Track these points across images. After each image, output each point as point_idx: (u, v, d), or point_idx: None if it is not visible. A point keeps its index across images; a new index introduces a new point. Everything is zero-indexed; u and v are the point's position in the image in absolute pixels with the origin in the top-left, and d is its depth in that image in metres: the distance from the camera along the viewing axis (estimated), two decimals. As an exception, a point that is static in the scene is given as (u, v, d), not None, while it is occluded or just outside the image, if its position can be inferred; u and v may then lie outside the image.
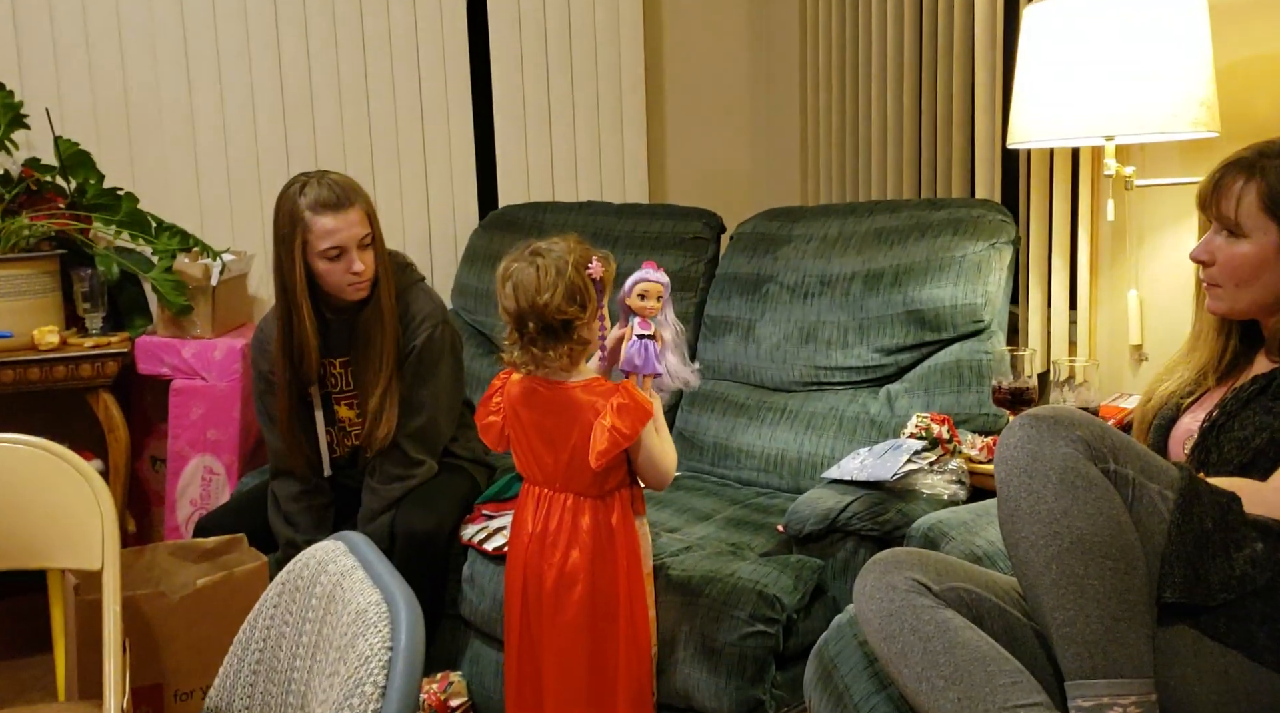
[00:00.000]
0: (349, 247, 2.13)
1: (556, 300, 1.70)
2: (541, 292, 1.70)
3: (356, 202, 2.14)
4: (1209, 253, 1.50)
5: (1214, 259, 1.49)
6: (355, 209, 2.13)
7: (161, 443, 2.84)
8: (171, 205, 2.96)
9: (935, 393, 2.32)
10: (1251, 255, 1.44)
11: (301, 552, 1.05)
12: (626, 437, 1.70)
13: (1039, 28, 2.03)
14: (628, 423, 1.70)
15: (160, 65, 2.98)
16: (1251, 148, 1.49)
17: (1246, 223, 1.45)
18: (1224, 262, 1.48)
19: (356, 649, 0.82)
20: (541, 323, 1.71)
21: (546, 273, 1.71)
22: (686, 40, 3.60)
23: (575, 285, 1.72)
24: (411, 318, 2.27)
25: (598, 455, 1.71)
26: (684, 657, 1.88)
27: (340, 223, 2.11)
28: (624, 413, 1.70)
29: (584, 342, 1.76)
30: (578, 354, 1.77)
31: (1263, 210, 1.43)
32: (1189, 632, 1.23)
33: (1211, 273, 1.50)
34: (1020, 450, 1.27)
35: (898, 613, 1.31)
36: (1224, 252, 1.48)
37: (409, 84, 3.25)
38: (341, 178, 2.17)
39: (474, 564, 2.22)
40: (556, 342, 1.73)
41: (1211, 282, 1.51)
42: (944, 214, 2.41)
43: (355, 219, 2.13)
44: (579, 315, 1.72)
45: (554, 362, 1.75)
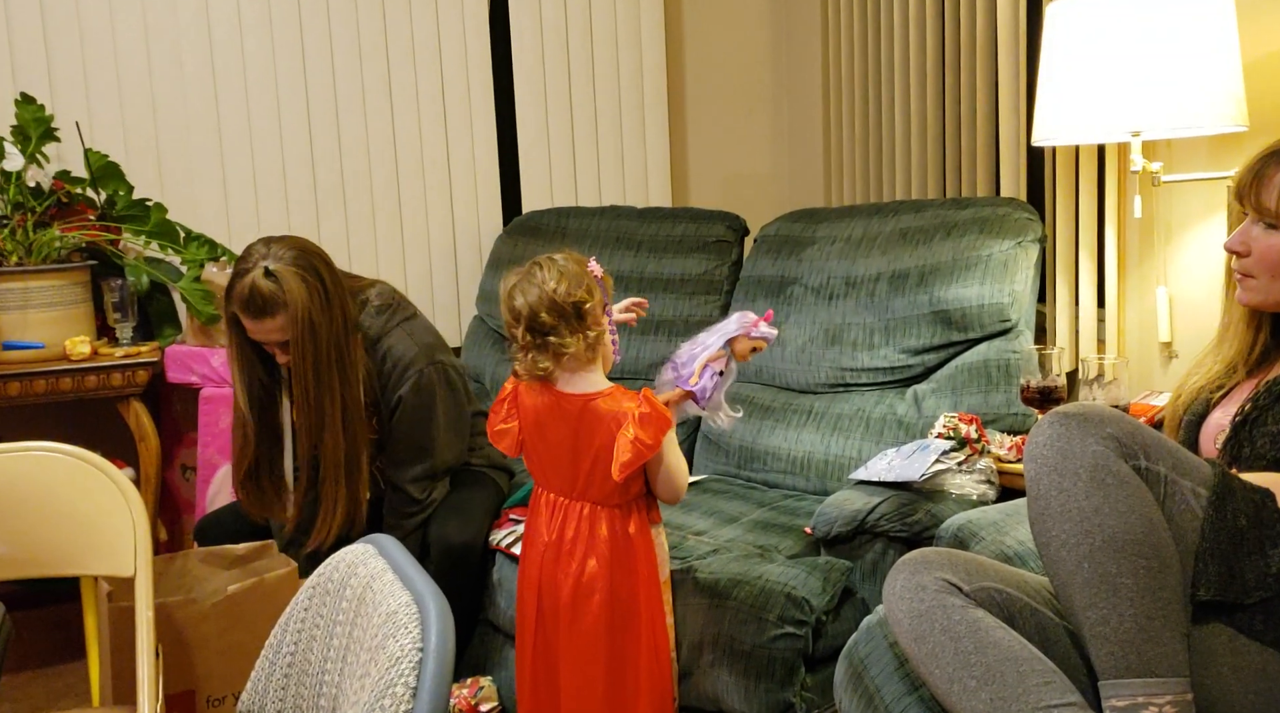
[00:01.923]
0: (269, 345, 2.12)
1: (565, 286, 1.73)
2: (547, 283, 1.73)
3: (278, 313, 2.05)
4: (1244, 244, 1.48)
5: (1249, 250, 1.48)
6: (274, 319, 2.05)
7: (191, 451, 2.86)
8: (199, 215, 2.99)
9: (963, 393, 2.30)
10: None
11: (331, 555, 1.06)
12: (650, 447, 1.71)
13: (1062, 25, 2.02)
14: (650, 433, 1.71)
15: (188, 78, 3.01)
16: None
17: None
18: (1261, 253, 1.46)
19: (387, 651, 0.83)
20: (555, 312, 1.73)
21: (548, 270, 1.76)
22: (708, 43, 3.60)
23: (578, 275, 1.76)
24: (392, 368, 2.21)
25: (621, 467, 1.71)
26: (712, 659, 1.87)
27: (256, 328, 2.08)
28: (646, 423, 1.70)
29: (597, 328, 1.76)
30: (593, 343, 1.76)
31: None
32: (1225, 630, 1.22)
33: (1246, 264, 1.49)
34: (1050, 448, 1.26)
35: (928, 613, 1.30)
36: (1261, 243, 1.46)
37: (432, 92, 3.27)
38: (283, 272, 2.04)
39: (501, 569, 2.23)
40: (570, 330, 1.74)
41: (1246, 272, 1.49)
42: (969, 213, 2.40)
43: (273, 327, 2.06)
44: (587, 298, 1.74)
45: (570, 350, 1.74)
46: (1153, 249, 2.31)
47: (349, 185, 3.20)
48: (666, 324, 2.84)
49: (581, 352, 1.75)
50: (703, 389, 1.81)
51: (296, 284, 2.05)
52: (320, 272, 2.11)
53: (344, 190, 3.19)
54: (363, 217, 3.22)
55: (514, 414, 1.85)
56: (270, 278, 2.04)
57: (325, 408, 2.10)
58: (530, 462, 1.87)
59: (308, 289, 2.06)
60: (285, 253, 2.08)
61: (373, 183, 3.23)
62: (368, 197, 3.22)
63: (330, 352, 2.09)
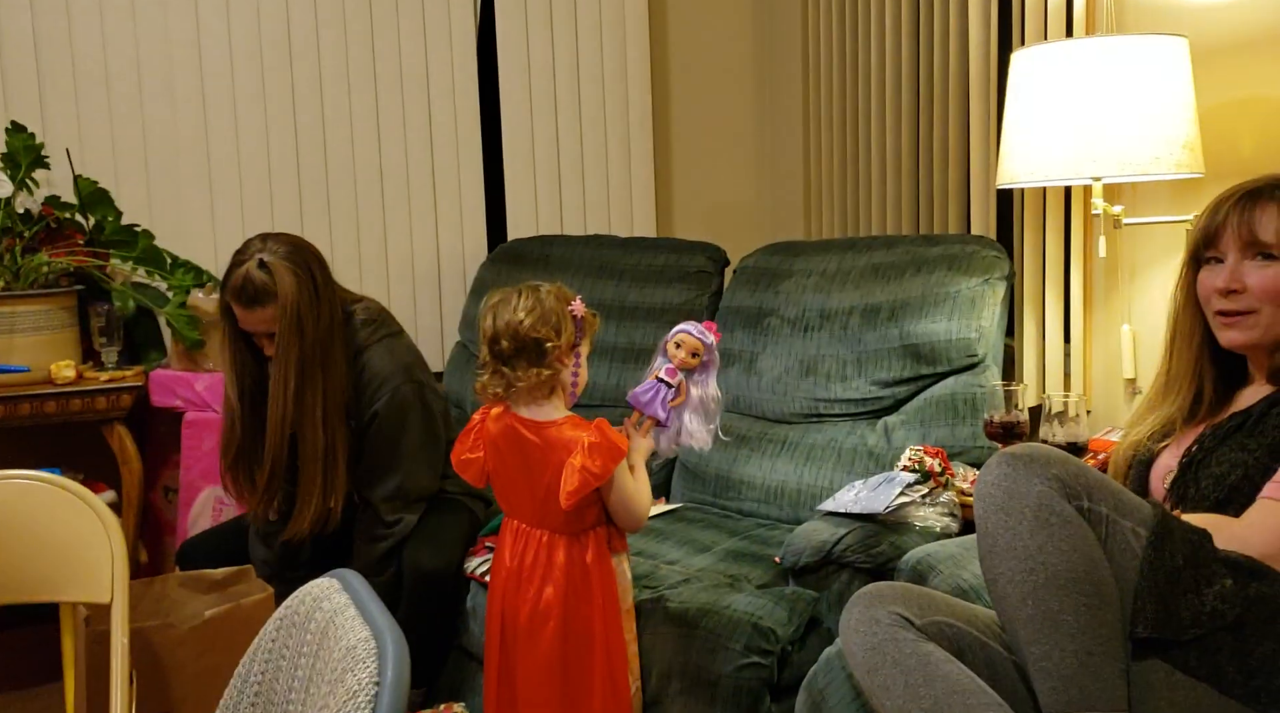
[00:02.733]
0: (257, 333, 2.17)
1: (531, 320, 1.76)
2: (518, 311, 1.77)
3: (269, 303, 2.11)
4: (1239, 281, 1.51)
5: (1244, 286, 1.50)
6: (266, 309, 2.12)
7: (174, 473, 2.90)
8: (186, 242, 3.03)
9: (931, 426, 2.35)
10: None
11: (299, 588, 1.10)
12: (597, 476, 1.73)
13: (1026, 72, 2.08)
14: (598, 463, 1.73)
15: (178, 106, 3.06)
16: (1260, 180, 1.53)
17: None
18: (1263, 285, 1.48)
19: (345, 684, 0.87)
20: (515, 342, 1.77)
21: (527, 297, 1.79)
22: (693, 77, 3.67)
23: (554, 312, 1.78)
24: (369, 381, 2.24)
25: (567, 495, 1.73)
26: (680, 688, 1.91)
27: (247, 317, 2.14)
28: (595, 452, 1.73)
29: (553, 369, 1.79)
30: (547, 380, 1.79)
31: None
32: (1161, 666, 1.26)
33: (1244, 300, 1.50)
34: (997, 488, 1.30)
35: (880, 646, 1.35)
36: (1259, 276, 1.49)
37: (419, 119, 3.32)
38: (276, 266, 2.11)
39: (475, 596, 2.26)
40: (526, 363, 1.77)
41: (1245, 309, 1.51)
42: (939, 250, 2.46)
43: (263, 317, 2.13)
44: (552, 337, 1.77)
45: (521, 384, 1.77)
46: (1117, 288, 2.37)
47: (335, 211, 3.25)
48: (647, 353, 2.84)
49: (530, 387, 1.78)
50: (635, 395, 1.84)
51: (288, 277, 2.12)
52: (313, 269, 2.18)
53: (330, 215, 3.24)
54: (348, 241, 3.27)
55: (480, 444, 1.88)
56: (263, 269, 2.11)
57: (306, 400, 2.15)
58: (496, 490, 1.90)
59: (299, 283, 2.13)
60: (280, 247, 2.15)
61: (358, 208, 3.28)
62: (353, 222, 3.27)
63: (315, 347, 2.15)
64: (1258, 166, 2.02)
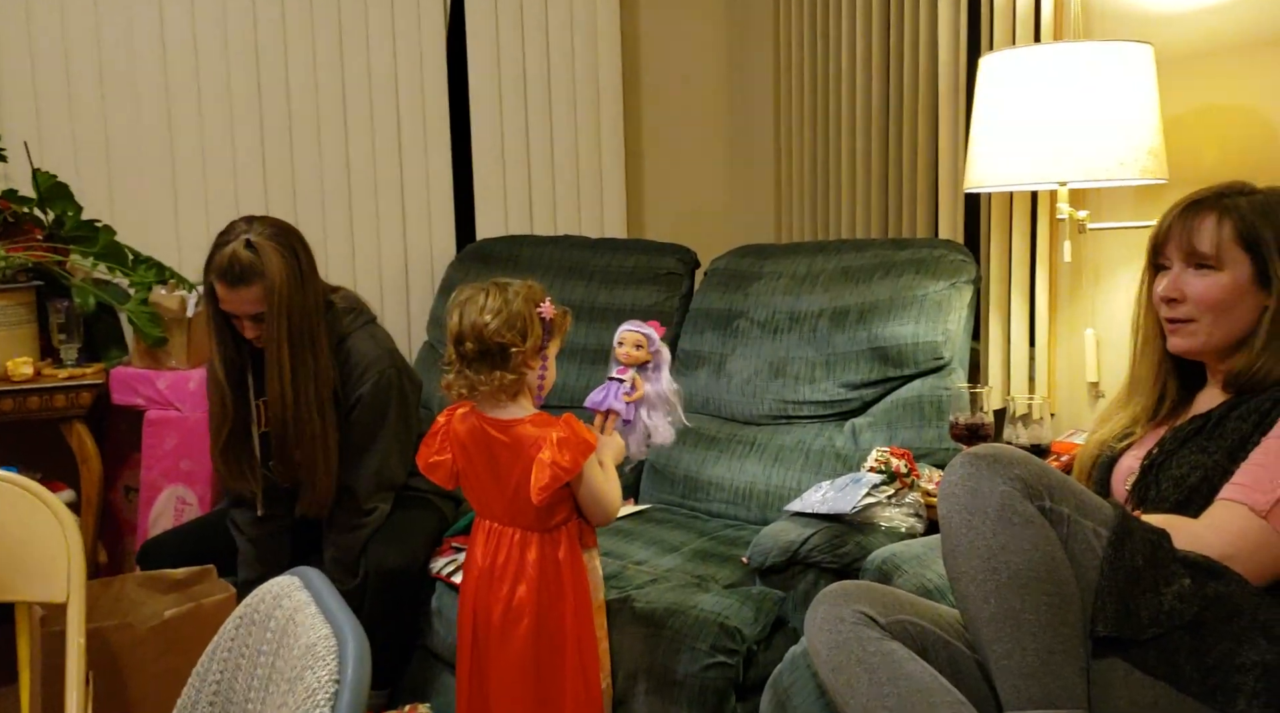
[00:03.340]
0: (240, 315, 2.16)
1: (496, 323, 1.75)
2: (484, 313, 1.76)
3: (255, 282, 2.11)
4: (1179, 290, 1.54)
5: (1184, 296, 1.54)
6: (251, 288, 2.11)
7: (135, 473, 2.86)
8: (150, 238, 2.99)
9: (898, 427, 2.37)
10: (1229, 285, 1.50)
11: (259, 586, 1.09)
12: (567, 471, 1.73)
13: (994, 77, 2.10)
14: (568, 457, 1.73)
15: (141, 99, 3.02)
16: (1207, 190, 1.56)
17: (1224, 255, 1.50)
18: (1199, 295, 1.52)
19: (304, 682, 0.86)
20: (479, 345, 1.76)
21: (494, 298, 1.78)
22: (664, 78, 3.67)
23: (520, 315, 1.77)
24: (354, 367, 2.25)
25: (538, 490, 1.73)
26: (647, 688, 1.91)
27: (230, 297, 2.13)
28: (564, 446, 1.73)
29: (518, 372, 1.78)
30: (510, 385, 1.78)
31: (1238, 243, 1.50)
32: (1121, 665, 1.27)
33: (1184, 309, 1.54)
34: (961, 488, 1.31)
35: (845, 645, 1.35)
36: (1196, 286, 1.52)
37: (388, 117, 3.30)
38: (263, 245, 2.12)
39: (441, 597, 2.25)
40: (490, 367, 1.76)
41: (1185, 317, 1.54)
42: (907, 254, 2.47)
43: (248, 297, 2.12)
44: (517, 342, 1.76)
45: (484, 387, 1.77)
46: (1081, 292, 2.40)
47: (301, 208, 3.21)
48: (614, 354, 2.88)
49: (493, 391, 1.78)
50: (592, 395, 1.86)
51: (275, 257, 2.12)
52: (298, 251, 2.19)
53: (296, 213, 3.20)
54: (315, 239, 3.16)
55: (447, 445, 1.87)
56: (250, 249, 2.11)
57: (300, 381, 2.16)
58: (466, 490, 1.90)
59: (286, 264, 2.14)
60: (266, 228, 2.16)
61: (325, 206, 3.25)
62: (320, 220, 3.24)
63: (303, 327, 2.16)
64: (1220, 174, 2.04)
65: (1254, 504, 1.36)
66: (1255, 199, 1.52)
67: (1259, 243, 1.49)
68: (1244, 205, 1.51)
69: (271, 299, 2.11)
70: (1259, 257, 1.49)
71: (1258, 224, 1.49)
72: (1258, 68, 2.04)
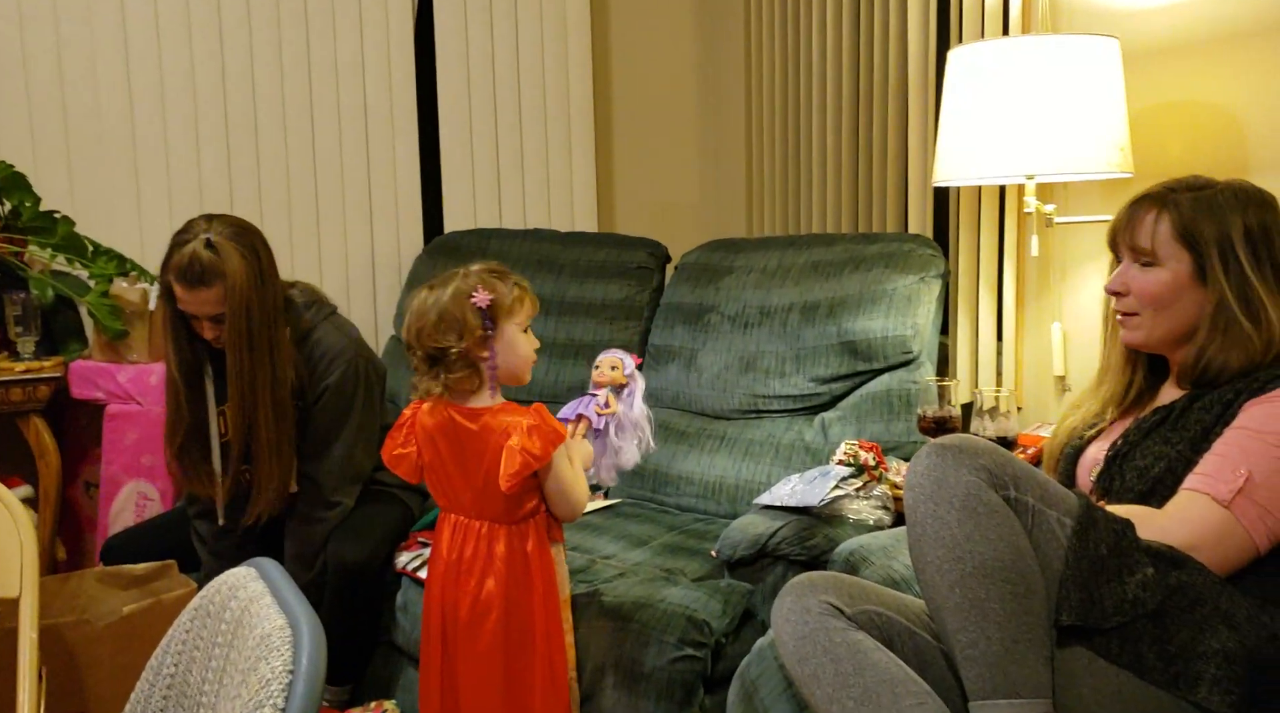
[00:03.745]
0: (199, 316, 2.13)
1: (429, 326, 1.76)
2: (420, 317, 1.77)
3: (215, 283, 2.07)
4: (1124, 285, 1.57)
5: (1129, 290, 1.56)
6: (210, 290, 2.08)
7: (95, 468, 2.81)
8: (111, 229, 2.95)
9: (867, 421, 2.37)
10: (1168, 281, 1.52)
11: (214, 578, 1.06)
12: (537, 458, 1.72)
13: (962, 70, 2.10)
14: (538, 445, 1.72)
15: (101, 89, 2.97)
16: (1159, 185, 1.57)
17: (1161, 252, 1.52)
18: (1140, 290, 1.54)
19: (259, 673, 0.84)
20: (422, 351, 1.78)
21: (425, 301, 1.78)
22: (635, 71, 3.66)
23: (450, 316, 1.76)
24: (320, 357, 2.24)
25: (508, 477, 1.72)
26: (614, 682, 1.89)
27: (189, 298, 2.09)
28: (535, 434, 1.72)
29: (462, 371, 1.77)
30: (459, 382, 1.78)
31: (1176, 239, 1.51)
32: (1085, 653, 1.28)
33: (1128, 303, 1.57)
34: (926, 478, 1.31)
35: (811, 635, 1.35)
36: (1139, 281, 1.54)
37: (355, 108, 3.26)
38: (223, 245, 2.08)
39: (406, 592, 2.22)
40: (439, 370, 1.77)
41: (1128, 311, 1.57)
42: (877, 248, 2.47)
43: (208, 298, 2.09)
44: (454, 344, 1.75)
45: (437, 389, 1.78)
46: (1049, 287, 2.41)
47: (266, 201, 3.18)
48: (586, 348, 2.86)
49: (453, 386, 1.78)
50: (571, 407, 1.87)
51: (236, 258, 2.09)
52: (259, 251, 2.16)
53: (261, 205, 3.17)
54: (280, 233, 3.20)
55: (411, 439, 1.85)
56: (210, 249, 2.07)
57: (259, 382, 2.13)
58: (432, 484, 1.88)
59: (246, 264, 2.10)
60: (226, 228, 2.12)
61: (291, 198, 3.21)
62: (286, 212, 3.21)
63: (263, 330, 2.13)
64: (1186, 168, 2.05)
65: (1216, 494, 1.36)
66: (1202, 195, 1.51)
67: (1198, 240, 1.49)
68: (1186, 202, 1.51)
69: (232, 300, 2.08)
70: (1198, 253, 1.49)
71: (1198, 221, 1.49)
72: (1224, 62, 2.06)
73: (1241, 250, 1.47)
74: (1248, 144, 2.04)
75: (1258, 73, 2.01)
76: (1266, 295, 1.47)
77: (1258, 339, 1.46)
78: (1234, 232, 1.48)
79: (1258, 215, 1.49)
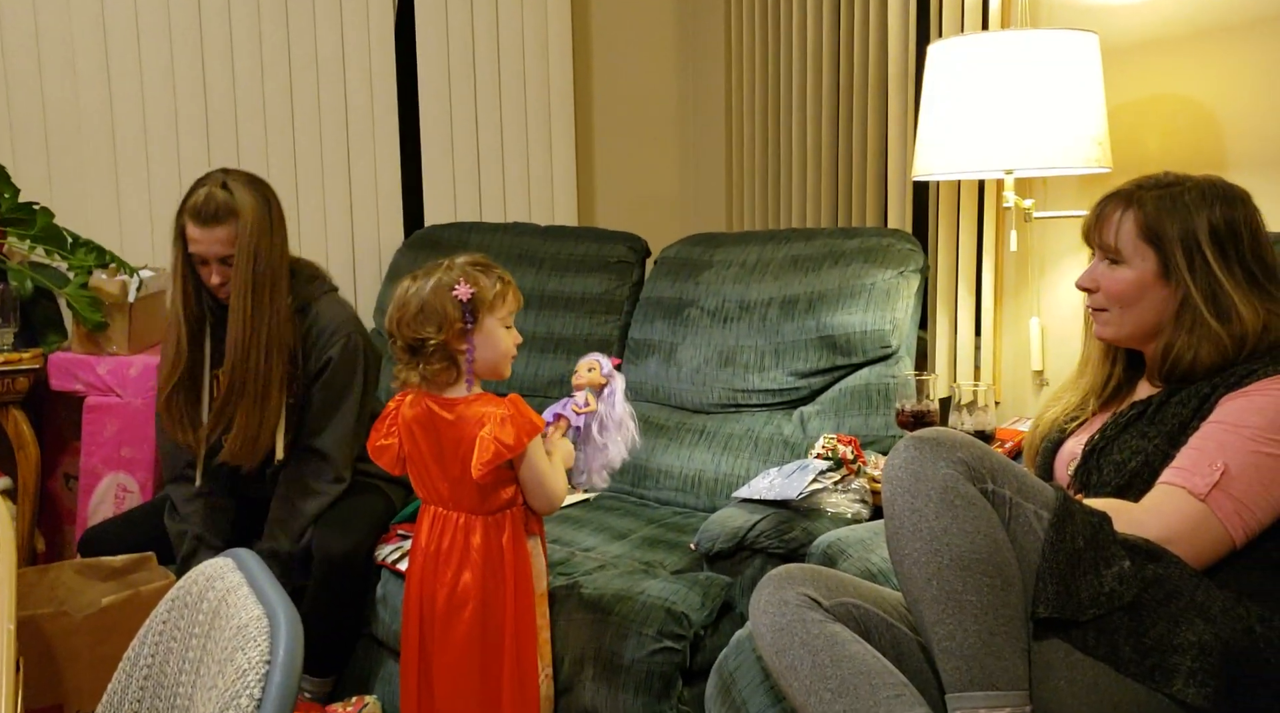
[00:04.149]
0: (209, 259, 2.16)
1: (409, 317, 1.76)
2: (402, 307, 1.78)
3: (229, 221, 2.13)
4: (1093, 281, 1.58)
5: (1098, 286, 1.57)
6: (224, 228, 2.13)
7: (74, 460, 2.79)
8: (90, 221, 2.93)
9: (845, 415, 2.38)
10: (1133, 279, 1.53)
11: (192, 569, 1.06)
12: (510, 448, 1.72)
13: (941, 65, 2.11)
14: (512, 434, 1.72)
15: (80, 79, 2.95)
16: (1129, 182, 1.58)
17: (1126, 250, 1.53)
18: (1108, 287, 1.56)
19: (235, 663, 0.84)
20: (402, 341, 1.78)
21: (407, 291, 1.79)
22: (616, 66, 3.66)
23: (431, 307, 1.76)
24: (322, 330, 2.26)
25: (480, 465, 1.72)
26: (593, 674, 1.90)
27: (201, 236, 2.14)
28: (508, 424, 1.72)
29: (440, 363, 1.77)
30: (437, 374, 1.78)
31: (1141, 237, 1.52)
32: (1061, 646, 1.29)
33: (1097, 299, 1.58)
34: (904, 471, 1.32)
35: (788, 627, 1.35)
36: (1107, 278, 1.56)
37: (335, 102, 3.25)
38: (238, 187, 2.16)
39: (386, 584, 2.22)
40: (418, 361, 1.78)
41: (1098, 307, 1.59)
42: (856, 243, 2.48)
43: (220, 237, 2.13)
44: (433, 335, 1.75)
45: (414, 378, 1.79)
46: (1027, 281, 2.42)
47: (248, 194, 3.15)
48: (566, 342, 2.87)
49: (431, 377, 1.78)
50: (551, 409, 1.89)
51: (250, 199, 2.16)
52: (270, 200, 2.22)
53: (242, 199, 3.14)
54: (261, 226, 3.18)
55: (395, 430, 1.85)
56: (225, 190, 2.15)
57: (258, 324, 2.15)
58: (412, 475, 1.88)
59: (259, 207, 2.17)
60: (241, 176, 2.20)
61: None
62: (267, 206, 3.18)
63: (267, 274, 2.17)
64: (1163, 163, 2.07)
65: (1193, 488, 1.37)
66: (1168, 193, 1.51)
67: (1162, 239, 1.49)
68: (1150, 200, 1.51)
69: (242, 239, 2.13)
70: (1163, 252, 1.50)
71: (1162, 219, 1.49)
72: (1202, 58, 2.08)
73: (1208, 248, 1.47)
74: (1225, 139, 2.06)
75: (1236, 68, 2.03)
76: (1235, 292, 1.46)
77: (1226, 336, 1.46)
78: (1199, 230, 1.47)
79: (1225, 212, 1.48)
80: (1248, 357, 1.47)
